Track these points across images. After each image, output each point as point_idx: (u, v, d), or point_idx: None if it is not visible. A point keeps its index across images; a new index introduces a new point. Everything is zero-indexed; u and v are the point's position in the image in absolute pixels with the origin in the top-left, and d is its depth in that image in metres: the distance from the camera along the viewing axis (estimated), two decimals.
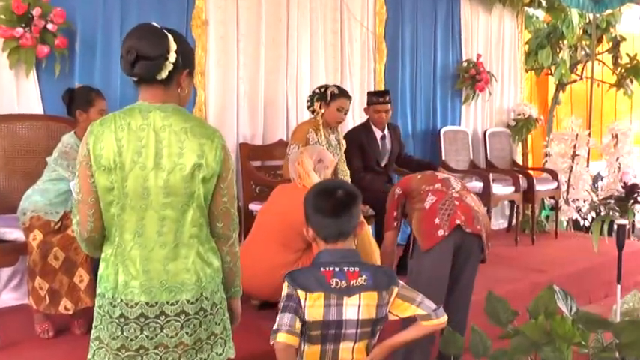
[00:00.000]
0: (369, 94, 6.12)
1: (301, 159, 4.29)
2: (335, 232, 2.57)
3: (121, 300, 2.24)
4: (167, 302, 2.26)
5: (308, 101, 5.43)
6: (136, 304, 2.24)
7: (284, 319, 2.44)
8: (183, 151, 2.23)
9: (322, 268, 2.53)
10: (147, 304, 2.24)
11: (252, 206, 5.48)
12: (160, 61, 2.24)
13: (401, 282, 2.64)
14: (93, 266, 3.92)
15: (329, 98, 5.30)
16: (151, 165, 2.21)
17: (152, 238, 2.25)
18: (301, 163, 4.28)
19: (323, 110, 5.32)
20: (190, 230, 2.28)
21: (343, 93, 5.37)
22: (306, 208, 2.65)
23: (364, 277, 2.53)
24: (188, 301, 2.28)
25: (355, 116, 6.70)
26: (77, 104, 4.27)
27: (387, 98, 5.92)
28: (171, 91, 2.31)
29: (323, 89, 5.38)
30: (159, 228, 2.25)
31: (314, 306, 2.48)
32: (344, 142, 5.60)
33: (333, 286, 2.49)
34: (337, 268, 2.52)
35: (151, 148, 2.21)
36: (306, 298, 2.47)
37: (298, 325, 2.44)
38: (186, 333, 2.29)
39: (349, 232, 2.59)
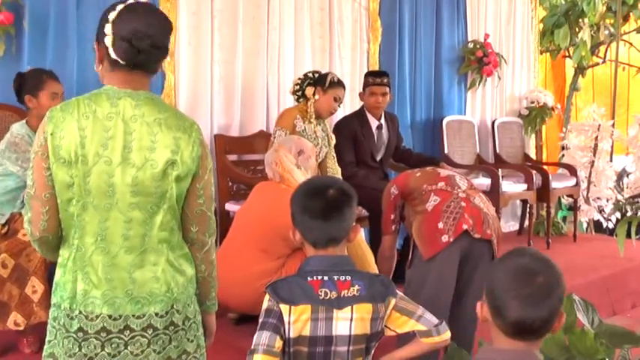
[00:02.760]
0: (366, 75, 6.15)
1: (279, 158, 4.27)
2: (325, 236, 2.56)
3: (80, 312, 2.22)
4: (133, 315, 2.23)
5: (297, 85, 5.44)
6: (97, 316, 2.21)
7: (262, 337, 2.41)
8: (156, 145, 2.22)
9: (309, 278, 2.51)
10: (110, 317, 2.22)
11: (229, 206, 5.46)
12: (165, 52, 2.29)
13: (399, 293, 2.63)
14: (48, 275, 3.89)
15: (327, 85, 5.36)
16: (117, 159, 2.19)
17: (117, 242, 2.23)
18: (280, 162, 4.26)
19: (317, 97, 5.36)
20: (160, 234, 2.27)
21: (341, 83, 5.48)
22: (293, 207, 2.63)
23: (357, 287, 2.51)
24: (157, 314, 2.26)
25: (345, 104, 6.68)
26: (26, 89, 4.23)
27: (385, 80, 5.92)
28: (147, 79, 2.33)
29: (318, 74, 5.45)
30: (124, 231, 2.23)
31: (299, 320, 2.46)
32: (333, 136, 5.60)
33: (321, 298, 2.47)
34: (326, 278, 2.51)
35: (119, 140, 2.20)
36: (290, 313, 2.45)
37: (279, 344, 2.42)
38: (154, 351, 2.27)
39: (341, 238, 2.58)
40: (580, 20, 9.22)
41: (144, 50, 2.21)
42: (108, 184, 2.19)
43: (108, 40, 2.21)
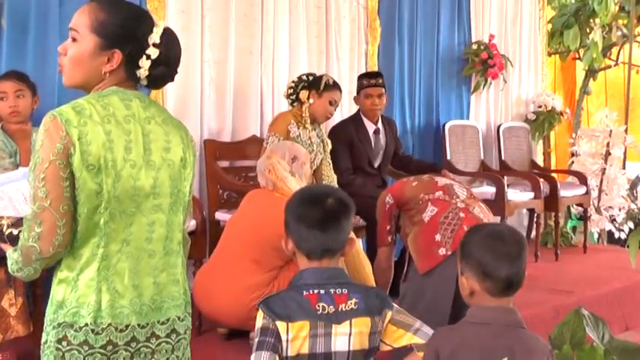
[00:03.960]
0: (359, 77, 6.17)
1: (272, 165, 4.27)
2: (320, 247, 2.56)
3: (110, 324, 2.23)
4: (158, 321, 2.31)
5: (290, 88, 5.45)
6: (127, 326, 2.25)
7: (261, 358, 2.41)
8: (170, 145, 2.34)
9: (305, 292, 2.51)
10: (138, 325, 2.27)
11: (220, 215, 5.46)
12: None
13: (395, 305, 2.64)
14: (26, 288, 3.87)
15: (322, 88, 5.36)
16: (140, 162, 2.26)
17: (141, 246, 2.29)
18: (273, 169, 4.25)
19: (312, 101, 5.37)
20: (178, 236, 2.39)
21: (337, 85, 5.49)
22: (288, 215, 2.64)
23: (354, 300, 2.52)
24: (178, 317, 2.37)
25: (343, 108, 6.68)
26: None
27: (380, 80, 5.96)
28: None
29: (313, 77, 5.45)
30: (148, 234, 2.30)
31: (298, 338, 2.46)
32: (328, 142, 5.60)
33: (319, 313, 2.48)
34: (323, 291, 2.51)
35: (139, 142, 2.27)
36: (287, 330, 2.45)
37: None
38: (177, 357, 2.36)
39: (337, 249, 2.59)
40: (591, 20, 9.24)
41: (172, 79, 2.42)
42: (134, 187, 2.25)
43: (146, 64, 2.31)
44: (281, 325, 2.45)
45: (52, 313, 2.27)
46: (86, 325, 2.22)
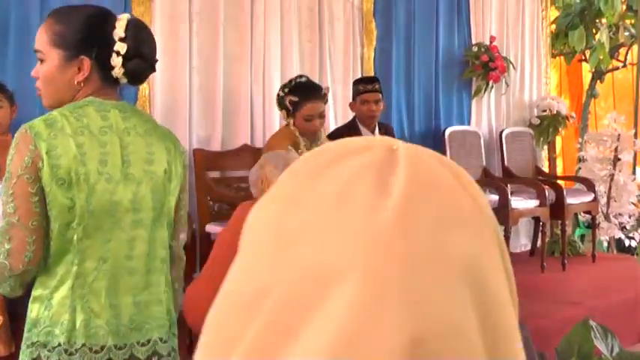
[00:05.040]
0: (355, 83, 6.17)
1: (264, 174, 4.28)
2: None
3: (83, 345, 2.22)
4: (137, 343, 2.29)
5: (277, 102, 5.27)
6: (102, 347, 2.24)
7: None
8: (153, 157, 2.32)
9: None
10: (115, 347, 2.25)
11: (210, 228, 5.46)
12: None
13: None
14: (8, 304, 3.88)
15: (290, 108, 5.01)
16: (118, 176, 2.25)
17: (120, 264, 2.28)
18: (266, 179, 4.27)
19: (291, 121, 5.05)
20: (161, 253, 2.36)
21: (308, 96, 5.03)
22: None
23: None
24: (161, 339, 2.34)
25: (337, 115, 6.70)
26: None
27: (377, 86, 5.94)
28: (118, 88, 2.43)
29: (283, 93, 5.09)
30: (127, 251, 2.29)
31: None
32: None
33: None
34: None
35: (117, 155, 2.26)
36: None
37: None
38: None
39: None
40: (597, 20, 9.24)
41: (153, 69, 2.38)
42: (110, 202, 2.24)
43: (117, 60, 2.28)
44: None
45: (27, 332, 2.28)
46: (59, 345, 2.21)
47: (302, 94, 5.00)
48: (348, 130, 6.01)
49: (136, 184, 2.27)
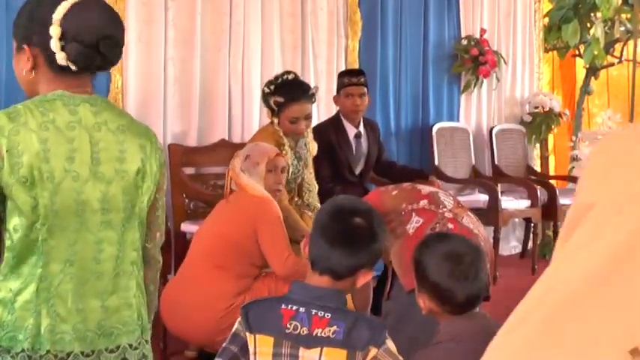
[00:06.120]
0: (339, 75, 6.19)
1: (232, 164, 4.36)
2: (323, 262, 2.56)
3: (48, 351, 2.20)
4: (106, 349, 2.26)
5: (263, 100, 5.25)
6: (69, 354, 2.22)
7: None
8: (125, 155, 2.27)
9: (284, 305, 2.51)
10: (82, 353, 2.23)
11: (186, 227, 5.47)
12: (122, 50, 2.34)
13: (387, 345, 2.50)
14: None
15: (275, 109, 5.03)
16: (86, 174, 2.21)
17: (87, 266, 2.25)
18: (232, 167, 4.34)
19: (276, 120, 5.07)
20: (131, 255, 2.32)
21: (294, 97, 5.02)
22: (315, 216, 2.67)
23: (334, 327, 2.47)
24: (130, 345, 2.31)
25: (320, 109, 6.69)
26: None
27: (362, 79, 5.95)
28: (92, 80, 2.35)
29: (268, 90, 5.09)
30: (95, 254, 2.25)
31: (262, 353, 2.48)
32: (315, 146, 5.42)
33: (288, 331, 2.47)
34: (302, 309, 2.49)
35: (85, 152, 2.22)
36: (254, 342, 2.48)
37: None
38: None
39: (340, 274, 2.55)
40: (592, 14, 9.25)
41: (106, 52, 2.25)
42: (77, 202, 2.21)
43: (54, 44, 2.21)
44: (249, 337, 2.49)
45: None
46: (23, 350, 2.19)
47: (288, 94, 5.00)
48: (332, 125, 6.00)
49: (105, 183, 2.24)
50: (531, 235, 7.71)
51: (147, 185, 2.31)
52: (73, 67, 2.24)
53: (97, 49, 2.23)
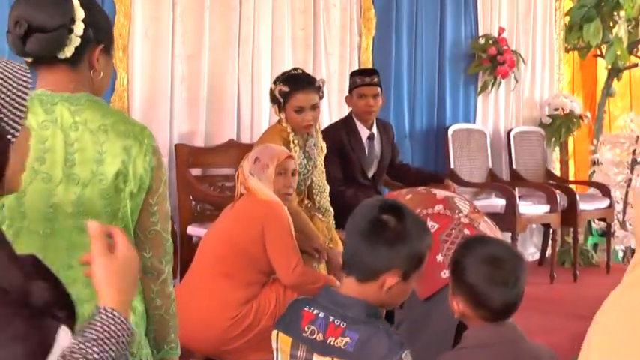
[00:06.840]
0: (352, 75, 6.15)
1: (241, 166, 4.35)
2: (349, 258, 2.56)
3: None
4: None
5: (270, 95, 5.25)
6: None
7: None
8: (104, 157, 2.23)
9: (307, 307, 2.52)
10: None
11: (192, 230, 5.45)
12: (62, 34, 2.22)
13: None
14: None
15: (281, 99, 5.02)
16: (58, 176, 2.19)
17: (58, 273, 2.19)
18: (242, 170, 4.33)
19: (283, 115, 5.07)
20: None
21: (297, 84, 5.04)
22: (351, 215, 2.62)
23: (347, 339, 2.44)
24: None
25: (332, 110, 6.68)
26: None
27: (376, 79, 5.92)
28: (81, 76, 2.30)
29: (274, 84, 5.11)
30: (68, 260, 2.22)
31: (282, 351, 2.52)
32: (324, 146, 5.40)
33: (305, 335, 2.48)
34: (322, 314, 2.49)
35: (59, 152, 2.20)
36: (277, 339, 2.53)
37: None
38: None
39: (364, 271, 2.50)
40: (614, 13, 9.20)
41: (25, 37, 2.19)
42: (48, 205, 2.19)
43: (8, 33, 2.22)
44: (273, 333, 2.56)
45: None
46: None
47: (293, 83, 5.01)
48: (344, 126, 5.97)
49: (80, 186, 2.20)
50: (550, 242, 7.68)
51: (130, 189, 2.25)
52: (30, 58, 2.22)
53: (23, 38, 2.18)
